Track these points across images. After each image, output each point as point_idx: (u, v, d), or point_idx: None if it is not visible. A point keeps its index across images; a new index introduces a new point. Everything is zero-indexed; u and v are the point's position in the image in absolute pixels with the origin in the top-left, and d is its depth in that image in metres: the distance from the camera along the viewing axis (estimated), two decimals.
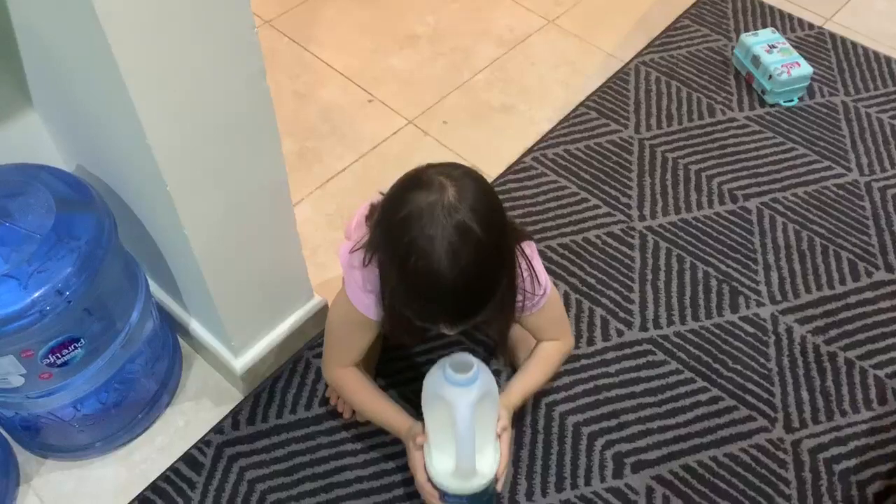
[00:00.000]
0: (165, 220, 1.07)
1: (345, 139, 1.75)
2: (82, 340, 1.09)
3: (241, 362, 1.31)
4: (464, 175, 0.92)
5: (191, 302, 1.31)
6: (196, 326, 1.34)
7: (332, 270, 1.51)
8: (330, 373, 1.18)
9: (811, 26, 2.01)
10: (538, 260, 1.11)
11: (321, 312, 1.40)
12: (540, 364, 1.19)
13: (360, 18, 2.04)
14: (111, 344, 1.15)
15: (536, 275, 1.08)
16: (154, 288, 1.36)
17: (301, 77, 1.90)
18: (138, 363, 1.24)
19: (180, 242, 1.08)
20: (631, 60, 1.93)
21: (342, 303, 1.10)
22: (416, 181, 0.93)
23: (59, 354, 1.07)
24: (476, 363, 1.01)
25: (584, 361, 1.39)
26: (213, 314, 1.23)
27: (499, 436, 1.09)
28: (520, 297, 1.07)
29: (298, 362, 1.39)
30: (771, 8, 2.05)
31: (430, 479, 1.09)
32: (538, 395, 1.34)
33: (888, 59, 1.93)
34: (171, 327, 1.38)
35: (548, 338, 1.19)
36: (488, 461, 1.08)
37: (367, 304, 1.07)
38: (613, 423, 1.32)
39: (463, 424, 0.98)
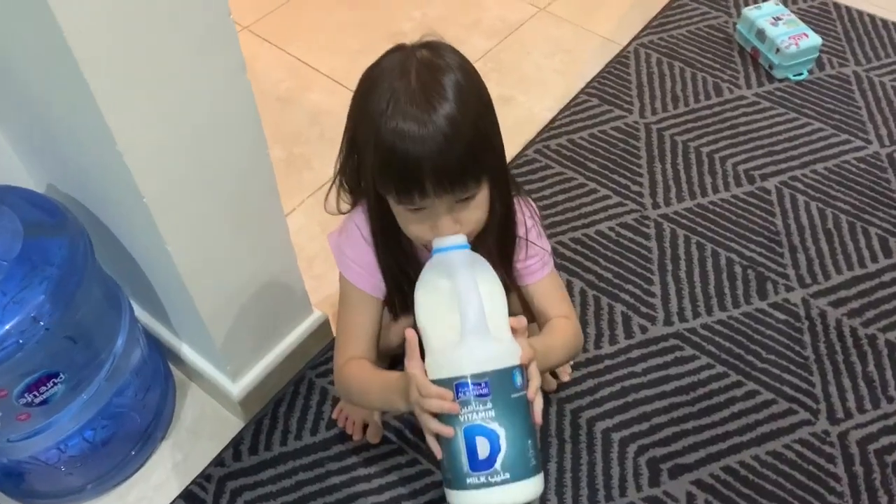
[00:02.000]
0: (145, 237, 0.97)
1: (335, 143, 1.63)
2: (62, 375, 0.98)
3: (239, 387, 1.20)
4: (439, 42, 0.87)
5: (180, 325, 1.21)
6: (188, 351, 1.24)
7: (331, 282, 1.41)
8: (337, 369, 1.02)
9: None
10: (539, 221, 1.03)
11: (322, 328, 1.30)
12: (554, 331, 0.99)
13: (343, 18, 1.95)
14: (95, 376, 1.05)
15: (540, 231, 1.01)
16: (140, 313, 1.27)
17: (285, 82, 1.80)
18: (127, 395, 1.14)
19: (163, 260, 0.98)
20: (629, 43, 1.84)
21: (342, 289, 1.02)
22: (387, 51, 0.88)
23: (36, 392, 0.97)
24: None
25: (607, 362, 1.29)
26: (204, 337, 1.13)
27: (514, 330, 0.85)
28: (521, 255, 0.99)
29: (301, 383, 1.29)
30: None
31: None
32: (561, 402, 1.24)
33: None
34: (162, 354, 1.28)
35: (555, 314, 1.03)
36: (503, 327, 0.82)
37: (360, 273, 0.99)
38: (645, 426, 1.22)
39: (462, 272, 0.82)
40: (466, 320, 0.80)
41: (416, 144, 0.79)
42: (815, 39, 1.70)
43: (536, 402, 0.82)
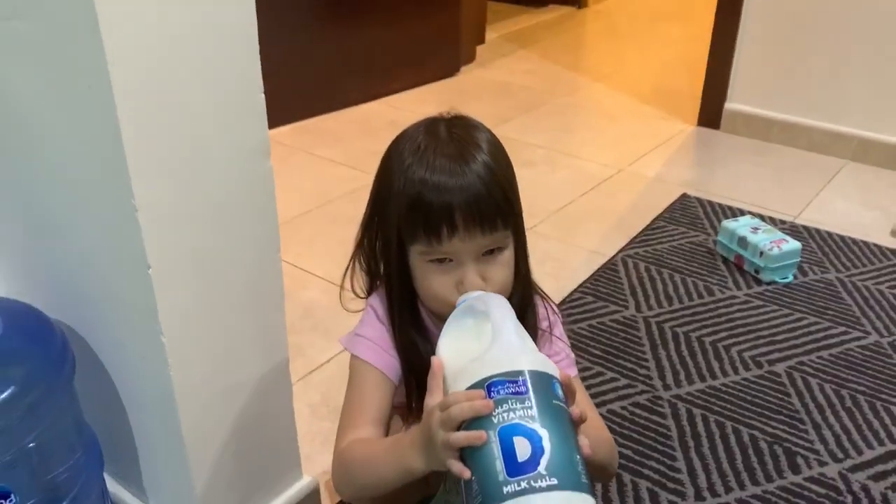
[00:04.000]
0: (146, 369, 0.90)
1: (328, 333, 1.60)
2: (14, 497, 0.82)
3: None
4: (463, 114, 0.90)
5: (154, 478, 1.04)
6: None
7: (318, 464, 1.27)
8: (337, 454, 0.85)
9: (783, 222, 2.06)
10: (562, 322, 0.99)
11: (311, 499, 1.14)
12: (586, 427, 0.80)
13: (340, 233, 2.00)
14: None
15: (563, 333, 0.97)
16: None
17: None
18: None
19: (160, 389, 0.89)
20: (616, 255, 1.90)
21: (351, 373, 0.91)
22: None
23: None
24: None
25: None
26: (182, 486, 0.98)
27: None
28: (546, 351, 0.91)
29: None
30: (741, 210, 2.10)
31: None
32: None
33: (865, 243, 1.95)
34: None
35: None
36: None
37: (373, 348, 0.89)
38: None
39: (493, 300, 0.77)
40: (499, 328, 0.71)
41: (447, 190, 0.79)
42: (794, 244, 1.77)
43: (583, 436, 0.68)
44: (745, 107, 2.63)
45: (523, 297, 0.89)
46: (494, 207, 0.80)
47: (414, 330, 0.88)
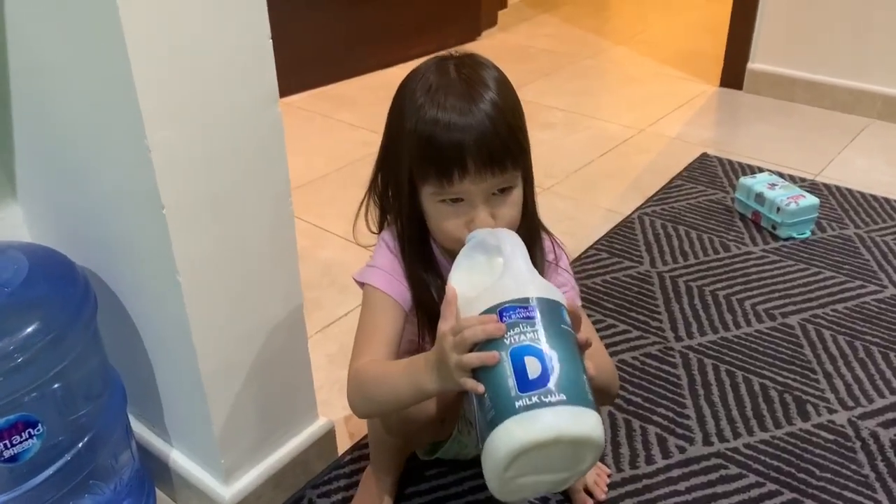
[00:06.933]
0: (166, 312, 0.95)
1: (347, 288, 1.63)
2: (40, 427, 0.87)
3: (232, 492, 1.06)
4: (473, 52, 0.92)
5: (175, 416, 1.09)
6: (178, 458, 1.11)
7: (336, 409, 1.31)
8: (352, 373, 0.89)
9: (803, 180, 2.04)
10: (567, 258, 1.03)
11: (327, 441, 1.18)
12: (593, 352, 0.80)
13: (359, 195, 2.02)
14: (73, 445, 0.92)
15: (569, 268, 1.00)
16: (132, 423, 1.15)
17: (299, 242, 1.82)
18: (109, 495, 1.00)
19: (177, 326, 0.93)
20: (632, 213, 1.90)
21: (364, 301, 0.95)
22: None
23: (8, 442, 0.85)
24: None
25: (646, 482, 1.16)
26: (202, 424, 1.02)
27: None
28: (552, 282, 0.90)
29: (300, 503, 1.14)
30: (760, 168, 2.09)
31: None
32: None
33: (887, 199, 1.93)
34: (150, 473, 1.14)
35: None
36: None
37: (385, 276, 0.93)
38: None
39: (503, 233, 0.80)
40: (510, 259, 0.74)
41: (458, 131, 0.81)
42: (812, 199, 1.76)
43: (588, 361, 0.71)
44: (768, 66, 2.60)
45: (530, 232, 0.92)
46: (504, 148, 0.82)
47: (423, 266, 0.91)
